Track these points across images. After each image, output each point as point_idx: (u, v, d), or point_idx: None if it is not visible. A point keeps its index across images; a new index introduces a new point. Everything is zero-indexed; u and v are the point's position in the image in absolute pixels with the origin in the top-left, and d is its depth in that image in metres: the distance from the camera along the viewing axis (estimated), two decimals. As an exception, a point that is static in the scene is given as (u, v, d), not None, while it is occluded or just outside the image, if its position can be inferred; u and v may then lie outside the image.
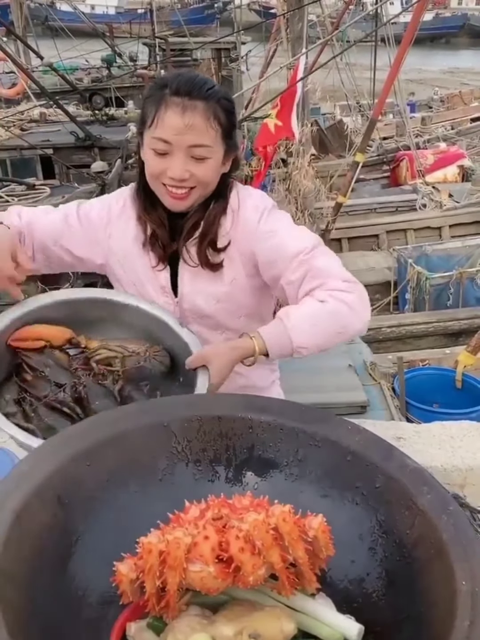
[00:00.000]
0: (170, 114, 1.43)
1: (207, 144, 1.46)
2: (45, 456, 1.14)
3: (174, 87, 1.44)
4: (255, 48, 14.72)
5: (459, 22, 38.67)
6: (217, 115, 1.46)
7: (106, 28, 15.57)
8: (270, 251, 1.54)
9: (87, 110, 8.48)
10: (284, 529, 0.97)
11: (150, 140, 1.48)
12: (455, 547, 0.96)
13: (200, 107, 1.43)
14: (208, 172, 1.49)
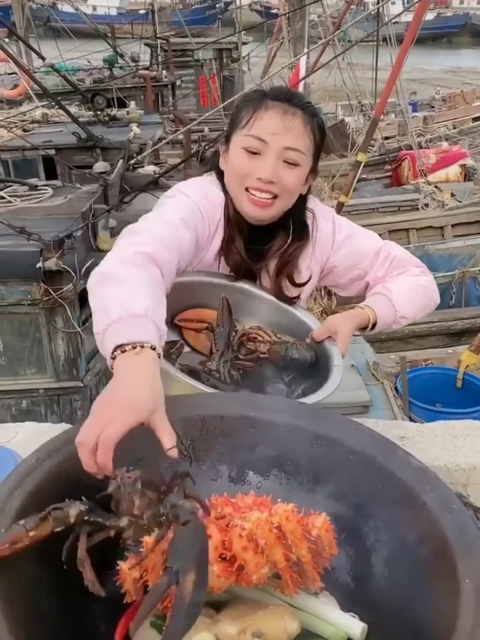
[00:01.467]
0: (270, 113, 1.43)
1: (301, 149, 1.45)
2: (48, 455, 1.14)
3: (274, 94, 1.46)
4: (256, 48, 14.73)
5: (461, 22, 38.64)
6: (313, 128, 1.47)
7: (108, 29, 15.56)
8: (350, 257, 1.67)
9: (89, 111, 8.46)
10: (287, 528, 0.97)
11: (242, 139, 1.46)
12: (459, 545, 0.96)
13: (300, 114, 1.44)
14: (295, 180, 1.48)
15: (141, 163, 6.50)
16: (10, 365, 4.81)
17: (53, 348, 4.72)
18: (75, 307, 4.59)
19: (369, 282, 1.69)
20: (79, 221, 4.59)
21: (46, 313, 4.59)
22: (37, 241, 4.37)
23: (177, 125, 11.05)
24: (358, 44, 9.53)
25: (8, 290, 4.53)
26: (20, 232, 4.37)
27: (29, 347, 4.77)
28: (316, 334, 1.54)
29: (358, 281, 1.71)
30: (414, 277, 1.67)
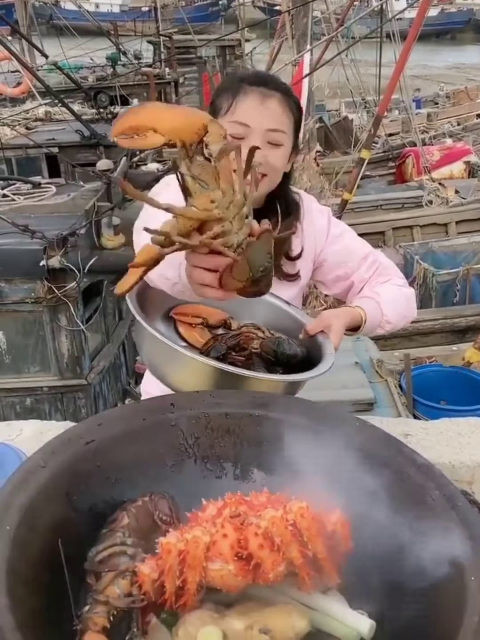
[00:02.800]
0: (250, 98, 1.49)
1: (282, 129, 1.51)
2: (53, 453, 1.14)
3: (251, 78, 1.52)
4: (260, 45, 14.72)
5: (465, 18, 38.45)
6: (290, 107, 1.53)
7: (111, 26, 15.56)
8: (341, 253, 1.73)
9: (92, 109, 8.48)
10: (302, 525, 0.97)
11: (226, 126, 1.47)
12: (464, 542, 0.96)
13: (277, 96, 1.50)
14: (281, 158, 1.54)
15: (144, 161, 6.50)
16: (14, 363, 4.82)
17: (57, 346, 4.73)
18: (79, 305, 4.59)
19: (354, 282, 1.74)
20: (83, 219, 4.60)
21: (50, 311, 4.59)
22: (40, 239, 4.38)
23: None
24: (361, 41, 9.52)
25: (11, 288, 4.54)
26: (23, 230, 4.38)
27: (32, 345, 4.79)
28: (309, 327, 1.56)
29: (343, 280, 1.76)
30: (398, 287, 1.74)
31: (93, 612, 0.96)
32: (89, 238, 4.65)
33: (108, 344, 5.37)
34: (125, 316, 5.74)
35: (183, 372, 1.41)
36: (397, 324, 1.70)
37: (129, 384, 5.74)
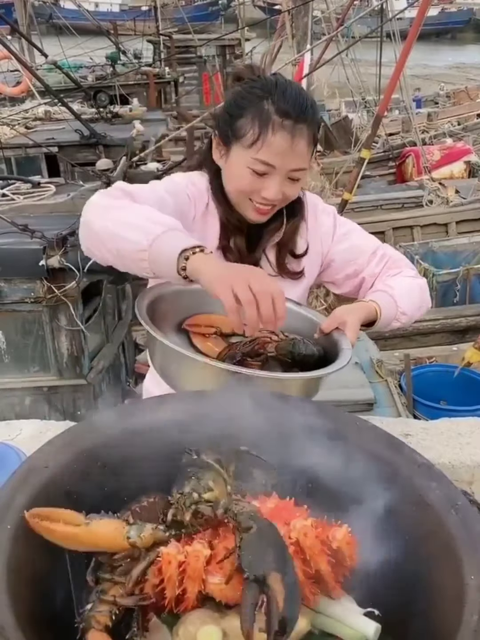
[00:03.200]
0: (279, 138, 1.40)
1: (305, 167, 1.48)
2: (53, 452, 1.14)
3: (282, 106, 1.40)
4: (259, 44, 14.70)
5: (465, 17, 38.47)
6: (315, 136, 1.48)
7: (110, 26, 15.57)
8: (349, 251, 1.72)
9: (91, 108, 8.47)
10: (305, 544, 0.96)
11: (248, 160, 1.45)
12: (464, 541, 0.96)
13: (305, 132, 1.43)
14: (297, 191, 1.54)
15: (144, 160, 6.50)
16: (14, 363, 4.82)
17: (56, 346, 4.73)
18: (79, 304, 4.59)
19: (365, 277, 1.72)
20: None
21: (49, 311, 4.59)
22: (40, 239, 4.38)
23: (180, 122, 11.05)
24: (362, 40, 9.52)
25: (11, 288, 4.53)
26: (23, 230, 4.38)
27: (32, 345, 4.78)
28: (324, 325, 1.54)
29: (354, 278, 1.75)
30: (411, 278, 1.72)
31: (96, 610, 0.96)
32: (89, 238, 4.65)
33: (108, 343, 5.36)
34: (124, 316, 5.74)
35: (197, 379, 1.39)
36: (412, 315, 1.67)
37: (129, 383, 5.74)
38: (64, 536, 0.97)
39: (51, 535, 0.97)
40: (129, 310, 5.78)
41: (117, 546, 0.99)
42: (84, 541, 0.98)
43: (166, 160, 7.55)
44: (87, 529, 0.97)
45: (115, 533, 0.98)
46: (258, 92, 1.43)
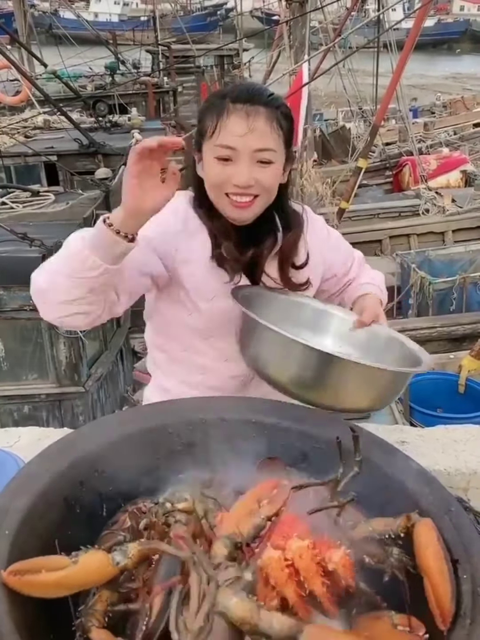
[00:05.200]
0: (233, 119, 1.41)
1: (271, 147, 1.44)
2: (52, 459, 1.15)
3: (234, 95, 1.44)
4: (257, 55, 14.79)
5: (461, 28, 38.77)
6: (279, 120, 1.45)
7: (109, 35, 15.65)
8: (343, 256, 1.81)
9: (90, 117, 8.51)
10: (300, 565, 0.96)
11: (212, 149, 1.45)
12: (457, 547, 0.97)
13: (263, 112, 1.42)
14: (272, 177, 1.47)
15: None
16: (12, 371, 4.82)
17: (55, 353, 4.73)
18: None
19: (352, 281, 1.81)
20: (81, 227, 4.60)
21: (48, 318, 4.60)
22: (39, 247, 4.39)
23: (178, 131, 11.07)
24: (359, 51, 9.57)
25: (10, 295, 4.54)
26: (22, 238, 4.39)
27: (30, 353, 4.79)
28: (365, 319, 1.60)
29: (340, 278, 1.81)
30: (376, 271, 1.87)
31: (94, 607, 0.97)
32: (87, 246, 4.66)
33: (106, 351, 5.37)
34: (122, 324, 5.75)
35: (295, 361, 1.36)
36: (385, 302, 1.80)
37: (127, 391, 5.74)
38: (50, 584, 0.94)
39: (35, 590, 0.94)
40: (127, 318, 5.79)
41: (106, 576, 0.98)
42: (72, 583, 0.96)
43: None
44: (75, 567, 0.95)
45: (101, 564, 0.97)
46: (217, 94, 1.49)
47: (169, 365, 1.71)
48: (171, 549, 0.95)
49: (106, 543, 1.05)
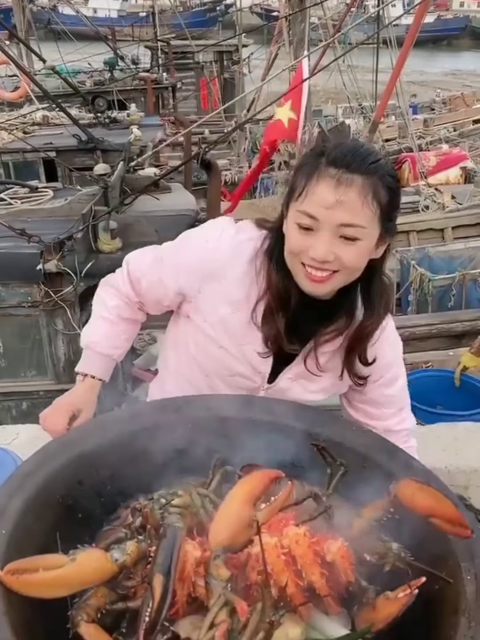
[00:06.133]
0: (322, 186, 1.25)
1: (360, 224, 1.26)
2: (48, 457, 1.14)
3: (332, 156, 1.26)
4: (257, 51, 14.76)
5: (461, 24, 38.70)
6: (377, 193, 1.27)
7: (108, 31, 15.60)
8: (386, 398, 1.56)
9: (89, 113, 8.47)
10: (297, 552, 0.96)
11: (295, 214, 1.30)
12: (461, 546, 0.96)
13: (358, 182, 1.25)
14: (356, 256, 1.30)
15: (141, 165, 6.49)
16: (11, 367, 4.81)
17: (53, 350, 4.72)
18: (76, 309, 4.58)
19: (377, 427, 1.53)
20: (80, 223, 4.59)
21: (46, 315, 4.59)
22: (37, 243, 4.37)
23: (177, 127, 11.06)
24: (358, 47, 9.55)
25: (8, 292, 4.53)
26: (20, 234, 4.37)
27: (29, 349, 4.78)
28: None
29: (367, 416, 1.57)
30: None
31: (87, 602, 0.96)
32: (86, 242, 4.64)
33: (104, 348, 5.36)
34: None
35: None
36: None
37: (126, 388, 5.73)
38: (47, 583, 0.93)
39: (33, 589, 0.93)
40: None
41: (106, 573, 0.96)
42: (70, 582, 0.94)
43: (163, 165, 7.56)
44: (73, 565, 0.94)
45: (100, 562, 0.96)
46: (316, 151, 1.32)
47: (179, 367, 1.64)
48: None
49: (106, 539, 1.04)
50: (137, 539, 1.01)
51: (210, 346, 1.48)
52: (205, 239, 1.46)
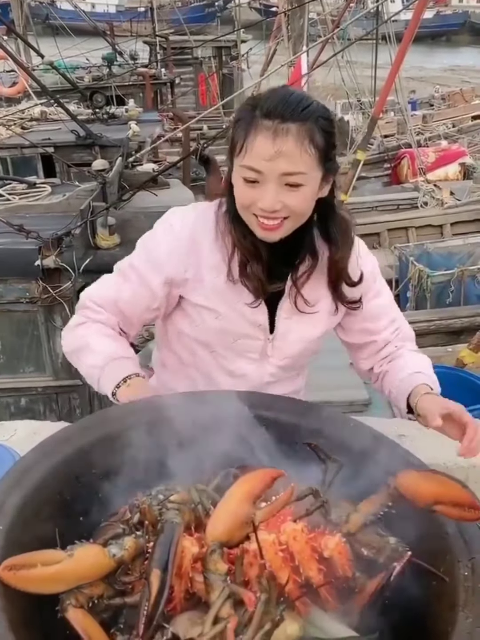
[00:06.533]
0: (260, 139, 1.30)
1: (301, 171, 1.31)
2: (46, 453, 1.14)
3: (265, 108, 1.30)
4: (256, 46, 14.73)
5: (460, 20, 38.60)
6: (313, 138, 1.31)
7: (107, 26, 15.55)
8: (378, 309, 1.65)
9: (87, 109, 8.44)
10: (295, 548, 0.96)
11: (239, 169, 1.36)
12: (459, 542, 0.96)
13: (294, 131, 1.29)
14: (302, 201, 1.36)
15: (140, 161, 6.49)
16: (9, 364, 4.81)
17: (51, 346, 4.72)
18: (74, 305, 4.57)
19: (378, 341, 1.67)
20: (78, 219, 4.59)
21: (45, 311, 4.58)
22: (35, 239, 4.37)
23: (175, 123, 11.03)
24: (357, 42, 9.53)
25: (6, 288, 4.52)
26: (18, 230, 4.37)
27: (27, 345, 4.77)
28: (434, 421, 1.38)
29: (368, 335, 1.68)
30: (419, 354, 1.72)
31: (80, 589, 0.96)
32: (84, 238, 4.63)
33: (103, 344, 5.35)
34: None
35: None
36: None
37: (124, 384, 5.73)
38: (45, 578, 0.93)
39: (31, 585, 0.93)
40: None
41: (103, 568, 0.97)
42: (67, 577, 0.94)
43: (162, 161, 7.53)
44: (71, 560, 0.94)
45: (97, 557, 0.96)
46: (249, 103, 1.37)
47: (176, 365, 1.68)
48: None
49: (104, 535, 1.04)
50: (135, 534, 1.01)
51: (208, 319, 1.53)
52: (170, 224, 1.53)
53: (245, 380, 1.59)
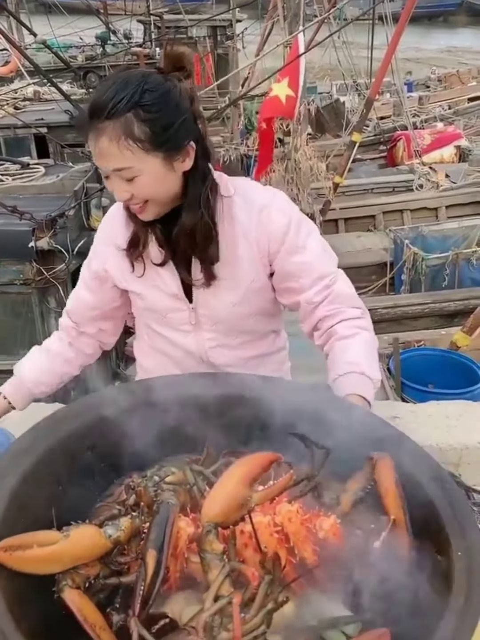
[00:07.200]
0: (89, 140, 1.34)
1: (125, 166, 1.33)
2: (42, 434, 1.14)
3: (89, 108, 1.32)
4: (251, 26, 14.56)
5: (457, 1, 38.20)
6: (130, 132, 1.29)
7: (100, 5, 15.31)
8: (297, 265, 1.54)
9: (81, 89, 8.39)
10: (290, 529, 0.97)
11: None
12: (452, 523, 0.97)
13: (108, 129, 1.29)
14: (148, 188, 1.37)
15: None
16: (3, 345, 4.80)
17: (46, 328, 4.71)
18: (68, 286, 4.57)
19: (301, 301, 1.57)
20: (72, 200, 4.56)
21: (39, 293, 4.57)
22: (29, 220, 4.34)
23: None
24: (354, 22, 9.43)
25: (0, 270, 4.51)
26: (12, 212, 4.34)
27: (21, 327, 4.76)
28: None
29: (294, 295, 1.59)
30: (356, 334, 1.53)
31: (77, 570, 0.97)
32: (78, 219, 4.61)
33: (97, 326, 5.35)
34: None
35: None
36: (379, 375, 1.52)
37: (119, 366, 5.74)
38: (42, 559, 0.93)
39: (27, 566, 0.93)
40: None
41: (100, 549, 0.97)
42: (63, 558, 0.95)
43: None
44: (67, 541, 0.94)
45: (94, 538, 0.97)
46: (84, 105, 1.41)
47: (145, 348, 1.77)
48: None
49: (100, 516, 1.05)
50: (131, 515, 1.02)
51: (138, 301, 1.64)
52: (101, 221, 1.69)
53: (191, 351, 1.64)
